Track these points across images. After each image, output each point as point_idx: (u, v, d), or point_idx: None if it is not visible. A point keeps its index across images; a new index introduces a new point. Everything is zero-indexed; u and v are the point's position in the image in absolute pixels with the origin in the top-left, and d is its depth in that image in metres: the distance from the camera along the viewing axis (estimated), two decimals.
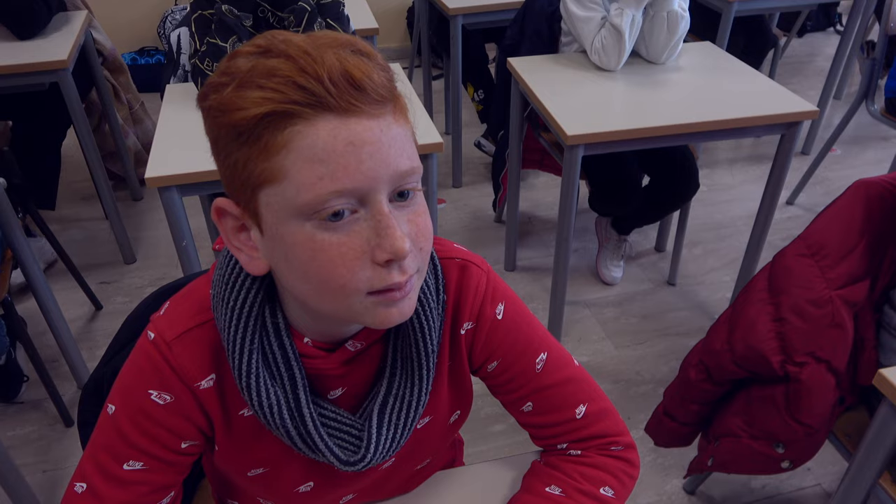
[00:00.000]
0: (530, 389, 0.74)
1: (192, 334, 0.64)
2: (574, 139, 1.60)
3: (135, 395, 0.64)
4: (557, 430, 0.76)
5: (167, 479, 0.67)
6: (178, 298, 0.67)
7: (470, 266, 0.71)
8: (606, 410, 0.77)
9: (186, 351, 0.63)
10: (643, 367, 1.96)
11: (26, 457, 1.72)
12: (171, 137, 1.53)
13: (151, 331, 0.64)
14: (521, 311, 0.75)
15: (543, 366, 0.74)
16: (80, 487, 0.65)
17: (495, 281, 0.73)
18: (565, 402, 0.75)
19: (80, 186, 2.81)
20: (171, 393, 0.64)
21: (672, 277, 2.29)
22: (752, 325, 1.15)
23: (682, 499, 1.61)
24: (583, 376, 0.77)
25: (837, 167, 2.93)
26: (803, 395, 1.11)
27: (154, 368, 0.63)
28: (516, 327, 0.73)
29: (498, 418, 1.81)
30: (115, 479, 0.64)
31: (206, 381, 0.65)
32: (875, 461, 1.02)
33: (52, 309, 1.78)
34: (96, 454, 0.65)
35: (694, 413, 1.34)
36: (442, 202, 2.72)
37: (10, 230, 1.62)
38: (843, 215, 1.12)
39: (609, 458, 0.76)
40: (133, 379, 0.65)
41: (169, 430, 0.65)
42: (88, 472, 0.65)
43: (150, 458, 0.65)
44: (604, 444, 0.77)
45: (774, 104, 1.69)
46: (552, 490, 0.74)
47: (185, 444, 0.66)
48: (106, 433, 0.65)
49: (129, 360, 0.66)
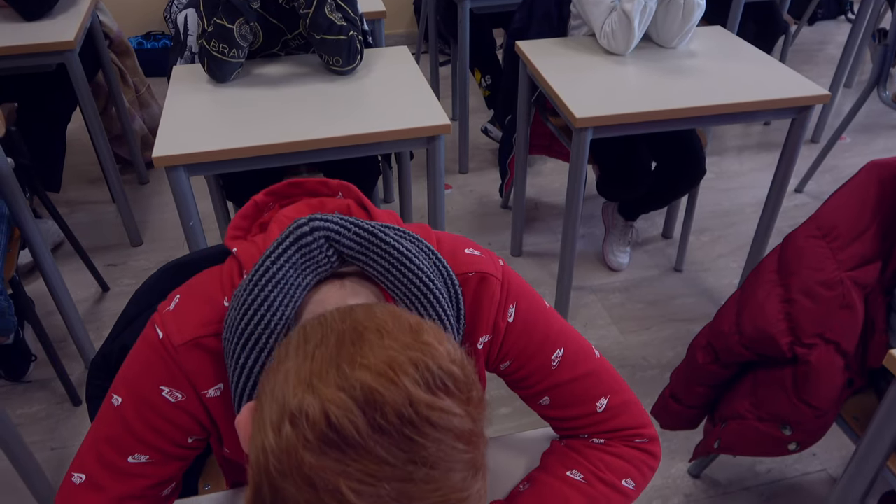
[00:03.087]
0: (546, 386, 0.73)
1: (200, 344, 0.63)
2: (583, 122, 1.59)
3: (144, 388, 0.63)
4: (578, 424, 0.76)
5: (170, 472, 0.66)
6: (188, 296, 0.66)
7: (486, 279, 0.69)
8: (629, 403, 0.76)
9: (194, 360, 0.63)
10: (649, 353, 1.96)
11: (34, 435, 1.73)
12: (178, 117, 1.53)
13: (160, 327, 0.63)
14: (536, 309, 0.73)
15: (560, 362, 0.72)
16: (78, 479, 0.64)
17: (509, 284, 0.71)
18: (585, 397, 0.74)
19: (86, 169, 2.82)
20: (183, 392, 0.63)
21: (679, 264, 2.28)
22: (761, 306, 1.15)
23: (687, 482, 1.61)
24: (603, 368, 0.75)
25: (847, 155, 2.90)
26: (812, 376, 1.10)
27: (165, 367, 0.63)
28: (531, 327, 0.72)
29: (504, 401, 1.81)
30: (119, 472, 0.63)
31: (214, 391, 0.64)
32: (884, 442, 1.01)
33: (60, 289, 1.79)
34: (99, 445, 0.64)
35: (700, 395, 1.34)
36: (448, 188, 2.72)
37: (18, 209, 1.62)
38: (856, 196, 1.11)
39: (633, 450, 0.75)
40: (142, 372, 0.64)
41: (177, 426, 0.64)
42: (89, 463, 0.64)
43: (155, 452, 0.64)
44: (628, 435, 0.76)
45: (786, 88, 1.68)
46: (573, 475, 0.73)
47: (192, 439, 0.66)
48: (111, 424, 0.64)
49: (137, 352, 0.65)
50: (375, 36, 2.21)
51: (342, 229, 0.61)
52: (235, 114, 1.54)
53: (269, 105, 1.58)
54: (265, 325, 0.59)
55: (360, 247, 0.62)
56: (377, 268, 0.63)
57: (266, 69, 1.75)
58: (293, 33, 1.76)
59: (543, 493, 0.73)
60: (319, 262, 0.61)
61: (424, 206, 2.55)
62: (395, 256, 0.62)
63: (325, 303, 0.61)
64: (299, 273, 0.60)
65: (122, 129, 2.59)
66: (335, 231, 0.61)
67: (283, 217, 0.69)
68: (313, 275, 0.62)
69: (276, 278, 0.59)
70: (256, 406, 0.46)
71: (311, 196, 0.75)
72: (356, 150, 1.52)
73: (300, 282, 0.61)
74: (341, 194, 0.74)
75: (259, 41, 1.74)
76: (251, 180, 1.75)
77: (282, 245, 0.60)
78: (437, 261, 0.66)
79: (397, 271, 0.62)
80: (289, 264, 0.60)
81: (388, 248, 0.62)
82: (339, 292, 0.62)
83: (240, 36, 1.58)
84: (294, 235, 0.60)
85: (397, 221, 0.71)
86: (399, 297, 0.64)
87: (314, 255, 0.61)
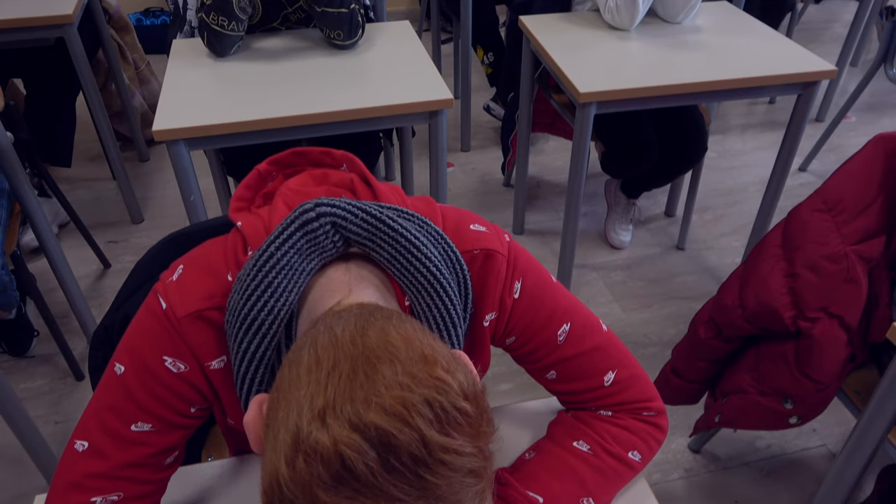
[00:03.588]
0: (552, 360, 0.73)
1: (203, 316, 0.62)
2: (586, 97, 1.57)
3: (147, 358, 0.63)
4: (585, 397, 0.75)
5: (173, 441, 0.66)
6: (192, 267, 0.65)
7: (492, 256, 0.68)
8: (637, 376, 0.76)
9: (197, 332, 0.62)
10: (650, 330, 1.96)
11: (38, 409, 1.74)
12: (178, 92, 1.52)
13: (163, 298, 0.63)
14: (542, 284, 0.72)
15: (566, 337, 0.72)
16: (80, 446, 0.64)
17: (515, 260, 0.70)
18: (592, 371, 0.74)
19: (87, 147, 2.80)
20: (186, 363, 0.63)
21: (681, 242, 2.28)
22: (764, 280, 1.14)
23: (687, 457, 1.62)
24: (611, 343, 0.75)
25: (852, 134, 2.88)
26: (814, 350, 1.10)
27: (168, 337, 0.62)
28: (537, 302, 0.71)
29: (504, 377, 1.82)
30: (121, 440, 0.63)
31: (217, 363, 0.64)
32: (885, 415, 1.01)
33: (62, 265, 1.78)
34: (101, 414, 0.64)
35: (701, 370, 1.34)
36: (450, 166, 2.70)
37: (18, 184, 1.61)
38: (862, 170, 1.10)
39: (640, 423, 0.75)
40: (145, 342, 0.63)
41: (180, 396, 0.64)
42: (92, 430, 0.64)
43: (158, 421, 0.64)
44: (635, 408, 0.76)
45: (792, 63, 1.66)
46: (579, 445, 0.73)
47: (195, 408, 0.66)
48: (113, 393, 0.64)
49: (140, 321, 0.65)
50: (377, 12, 2.19)
51: (349, 215, 0.60)
52: (236, 88, 1.52)
53: (269, 79, 1.56)
54: (269, 310, 0.59)
55: (367, 233, 0.61)
56: (384, 255, 0.62)
57: (266, 43, 1.73)
58: (293, 6, 1.74)
59: (549, 462, 0.73)
60: (325, 247, 0.61)
61: (426, 183, 2.54)
62: (402, 244, 0.61)
63: (329, 287, 0.61)
64: (304, 258, 0.60)
65: (122, 106, 2.58)
66: (342, 217, 0.60)
67: (288, 190, 0.69)
68: (318, 259, 0.61)
69: (280, 264, 0.59)
70: (268, 422, 0.46)
71: (315, 166, 0.74)
72: (358, 124, 1.51)
73: (304, 267, 0.60)
74: (345, 166, 0.73)
75: (258, 14, 1.72)
76: (252, 156, 1.73)
77: (287, 230, 0.59)
78: (446, 246, 0.66)
79: (405, 259, 0.62)
80: (293, 250, 0.59)
81: (396, 236, 0.61)
82: (344, 276, 0.61)
83: (239, 8, 1.56)
84: (300, 221, 0.59)
85: (400, 195, 0.70)
86: (405, 284, 0.63)
87: (319, 241, 0.60)
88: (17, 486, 1.58)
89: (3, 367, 1.86)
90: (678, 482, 1.57)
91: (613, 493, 0.74)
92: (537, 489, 0.70)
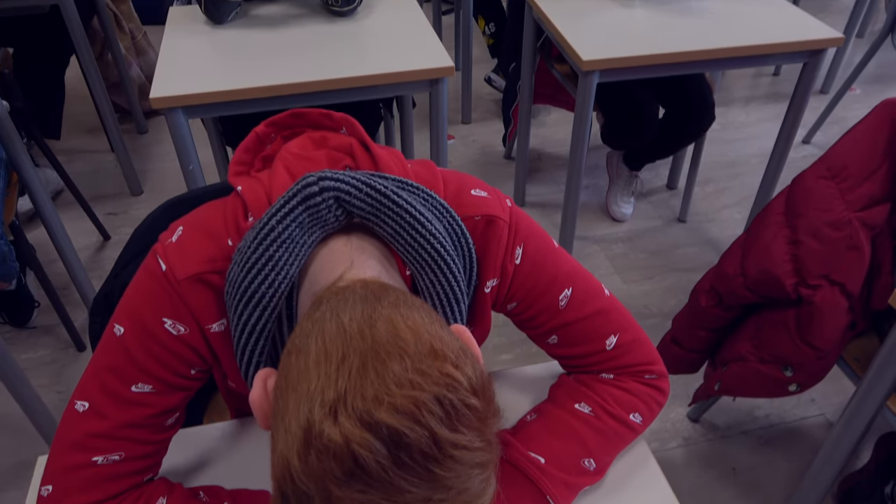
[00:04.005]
0: (554, 325, 0.73)
1: (203, 279, 0.62)
2: (589, 65, 1.55)
3: (146, 319, 0.62)
4: (587, 361, 0.75)
5: (174, 402, 0.66)
6: (192, 229, 0.64)
7: (494, 222, 0.68)
8: (638, 340, 0.76)
9: (197, 295, 0.62)
10: (651, 301, 1.96)
11: (40, 379, 1.75)
12: (175, 59, 1.50)
13: (162, 259, 0.62)
14: (544, 249, 0.72)
15: (568, 302, 0.72)
16: (81, 406, 0.64)
17: (517, 225, 0.70)
18: (595, 335, 0.74)
19: (84, 119, 2.78)
20: (186, 325, 0.63)
21: (683, 214, 2.27)
22: (767, 248, 1.14)
23: (686, 426, 1.64)
24: (613, 307, 0.75)
25: (857, 107, 2.85)
26: (815, 317, 1.10)
27: (168, 299, 0.62)
28: (538, 268, 0.71)
29: (505, 348, 1.82)
30: (122, 400, 0.63)
31: (217, 326, 0.64)
32: (885, 381, 1.02)
33: (61, 236, 1.78)
34: (101, 374, 0.64)
35: (702, 339, 1.34)
36: (451, 138, 2.68)
37: (15, 153, 1.60)
38: (868, 136, 1.09)
39: (642, 385, 0.76)
40: (144, 303, 0.63)
41: (180, 357, 0.64)
42: (92, 391, 0.64)
43: (158, 382, 0.64)
44: (637, 371, 0.76)
45: (798, 31, 1.63)
46: (581, 407, 0.73)
47: (195, 370, 0.66)
48: (113, 354, 0.63)
49: (139, 282, 0.64)
50: None
51: (353, 189, 0.59)
52: (234, 56, 1.50)
53: (267, 47, 1.54)
54: (269, 283, 0.58)
55: (371, 208, 0.60)
56: (388, 230, 0.61)
57: (264, 10, 1.71)
58: None
59: (550, 423, 0.73)
60: (327, 220, 0.60)
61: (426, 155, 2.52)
62: (406, 220, 0.61)
63: (331, 259, 0.60)
64: (305, 232, 0.60)
65: (119, 77, 2.55)
66: (346, 192, 0.59)
67: (288, 154, 0.68)
68: (320, 232, 0.61)
69: (281, 237, 0.58)
70: (276, 410, 0.46)
71: (314, 128, 0.73)
72: (357, 92, 1.49)
73: (306, 240, 0.60)
74: (345, 129, 0.72)
75: None
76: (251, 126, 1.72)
77: (289, 203, 0.59)
78: (451, 220, 0.65)
79: (409, 235, 0.61)
80: (295, 223, 0.59)
81: (401, 212, 0.60)
82: (345, 248, 0.61)
83: None
84: (302, 195, 0.58)
85: (400, 160, 0.69)
86: (409, 260, 0.63)
87: (322, 215, 0.60)
88: (21, 453, 1.59)
89: (4, 337, 1.87)
90: (677, 451, 1.58)
91: (614, 454, 0.75)
92: (539, 449, 0.70)
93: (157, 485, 0.68)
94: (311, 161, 0.67)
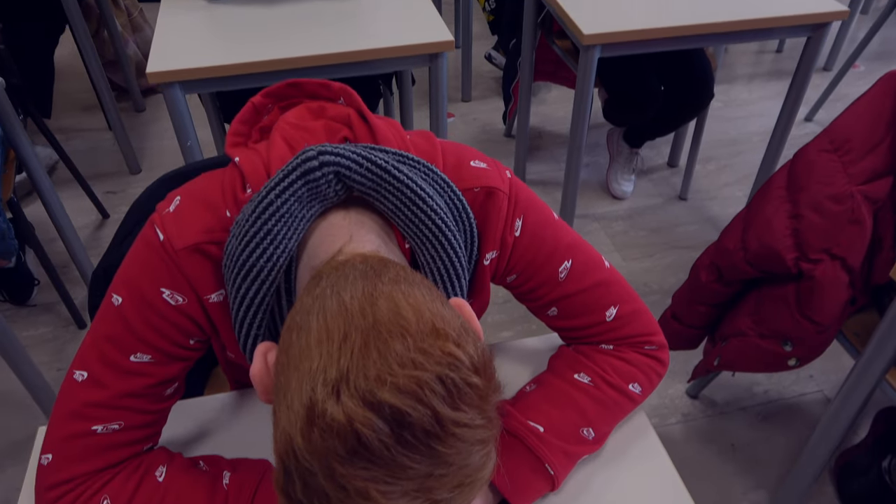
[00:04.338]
0: (554, 297, 0.73)
1: (201, 249, 0.61)
2: (590, 39, 1.53)
3: (144, 289, 0.62)
4: (586, 333, 0.75)
5: (173, 372, 0.66)
6: (189, 199, 0.64)
7: (493, 193, 0.67)
8: (638, 311, 0.76)
9: (195, 265, 0.62)
10: (651, 279, 1.96)
11: (41, 356, 1.76)
12: (171, 34, 1.48)
13: (160, 229, 0.62)
14: (544, 221, 0.71)
15: (567, 274, 0.71)
16: (80, 376, 0.64)
17: (516, 197, 0.69)
18: (595, 306, 0.73)
19: (80, 97, 2.76)
20: (184, 296, 0.62)
21: (684, 192, 2.26)
22: (768, 222, 1.13)
23: (684, 402, 1.64)
24: (613, 279, 0.75)
25: (860, 83, 2.83)
26: (816, 292, 1.10)
27: (167, 269, 0.61)
28: (538, 240, 0.70)
29: (505, 326, 1.83)
30: (121, 370, 0.63)
31: (216, 296, 0.63)
32: (885, 355, 1.02)
33: (60, 214, 1.77)
34: (100, 344, 0.63)
35: (701, 314, 1.34)
36: (451, 116, 2.66)
37: (11, 129, 1.59)
38: (871, 109, 1.08)
39: (641, 356, 0.75)
40: (142, 273, 0.62)
41: (178, 328, 0.64)
42: (90, 361, 0.63)
43: (156, 352, 0.64)
44: (637, 342, 0.76)
45: (802, 4, 1.61)
46: (580, 378, 0.73)
47: (193, 340, 0.66)
48: (112, 324, 0.63)
49: (136, 252, 0.64)
50: None
51: (353, 164, 0.59)
52: (231, 31, 1.49)
53: (265, 22, 1.52)
54: (268, 257, 0.58)
55: (371, 183, 0.60)
56: (388, 205, 0.61)
57: None
58: None
59: (550, 393, 0.73)
60: (326, 195, 0.60)
61: None
62: (408, 196, 0.60)
63: (330, 233, 0.60)
64: (304, 206, 0.59)
65: (116, 54, 2.52)
66: (346, 167, 0.59)
67: (286, 124, 0.67)
68: (319, 206, 0.60)
69: (280, 212, 0.58)
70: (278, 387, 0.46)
71: (312, 98, 0.72)
72: (357, 67, 1.47)
73: (304, 214, 0.59)
74: (342, 100, 0.71)
75: None
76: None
77: (288, 178, 0.58)
78: (452, 195, 0.64)
79: (409, 211, 0.61)
80: (294, 197, 0.58)
81: (402, 187, 0.60)
82: (344, 221, 0.61)
83: None
84: (301, 169, 0.58)
85: (399, 131, 0.69)
86: (409, 235, 0.63)
87: (321, 189, 0.59)
88: (23, 430, 1.60)
89: (5, 315, 1.87)
90: (675, 426, 1.59)
91: (613, 424, 0.75)
92: (538, 419, 0.70)
93: (157, 454, 0.68)
94: (308, 132, 0.67)
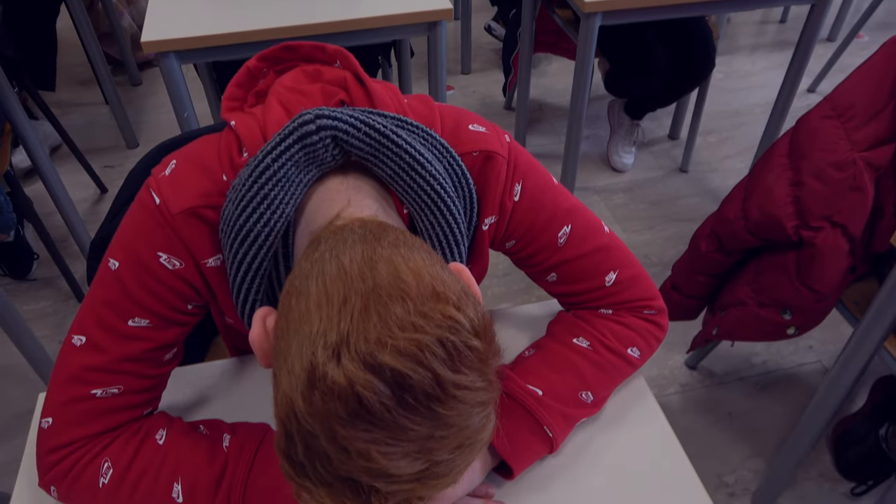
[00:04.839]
0: (553, 263, 0.72)
1: (198, 213, 0.61)
2: (592, 6, 1.51)
3: (141, 253, 0.62)
4: (586, 298, 0.75)
5: (171, 337, 0.66)
6: (186, 162, 0.63)
7: (492, 157, 0.66)
8: (638, 276, 0.75)
9: (192, 229, 0.61)
10: (651, 251, 1.96)
11: (42, 329, 1.76)
12: (166, 3, 1.46)
13: (156, 192, 0.61)
14: (543, 186, 0.70)
15: (567, 239, 0.71)
16: (78, 340, 0.63)
17: (515, 161, 0.68)
18: (594, 271, 0.73)
19: (76, 70, 2.73)
20: (181, 260, 0.62)
21: (685, 164, 2.24)
22: (769, 190, 1.13)
23: (683, 373, 1.65)
24: (613, 244, 0.74)
25: (864, 54, 2.80)
26: (816, 259, 1.10)
27: (163, 233, 0.61)
28: (537, 205, 0.70)
29: (504, 297, 1.83)
30: (119, 334, 0.63)
31: (213, 261, 0.63)
32: (883, 322, 1.02)
33: (58, 188, 1.77)
34: (97, 308, 0.63)
35: (701, 285, 1.34)
36: (450, 89, 2.64)
37: (6, 101, 1.57)
38: (874, 74, 1.06)
39: (640, 320, 0.75)
40: (139, 237, 0.62)
41: (176, 292, 0.63)
42: (88, 325, 0.63)
43: (154, 316, 0.63)
44: (636, 307, 0.76)
45: None
46: (579, 342, 0.73)
47: (191, 305, 0.65)
48: (109, 288, 0.63)
49: (132, 216, 0.63)
50: None
51: (351, 129, 0.58)
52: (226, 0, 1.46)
53: None
54: (265, 222, 0.58)
55: (370, 148, 0.59)
56: (387, 170, 0.60)
57: None
58: None
59: (549, 358, 0.73)
60: (324, 159, 0.59)
61: None
62: (406, 161, 0.60)
63: (327, 198, 0.59)
64: (301, 170, 0.58)
65: (111, 27, 2.49)
66: (343, 131, 0.58)
67: (282, 88, 0.66)
68: (316, 171, 0.60)
69: (276, 176, 0.57)
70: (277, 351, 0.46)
71: (307, 62, 0.71)
72: (354, 36, 1.45)
73: (301, 178, 0.59)
74: (338, 63, 0.70)
75: None
76: None
77: (285, 142, 0.57)
78: (452, 160, 0.64)
79: (408, 176, 0.60)
80: (290, 162, 0.57)
81: (400, 152, 0.59)
82: (341, 186, 0.60)
83: None
84: (298, 133, 0.57)
85: (396, 94, 0.68)
86: (408, 201, 0.62)
87: (318, 154, 0.58)
88: (25, 403, 1.62)
89: (6, 289, 1.87)
90: (674, 396, 1.60)
91: (612, 388, 0.75)
92: (536, 382, 0.70)
93: (157, 418, 0.69)
94: (305, 95, 0.66)
